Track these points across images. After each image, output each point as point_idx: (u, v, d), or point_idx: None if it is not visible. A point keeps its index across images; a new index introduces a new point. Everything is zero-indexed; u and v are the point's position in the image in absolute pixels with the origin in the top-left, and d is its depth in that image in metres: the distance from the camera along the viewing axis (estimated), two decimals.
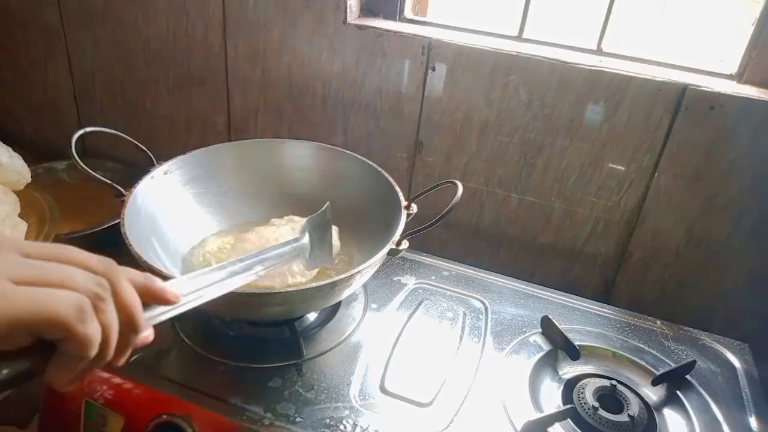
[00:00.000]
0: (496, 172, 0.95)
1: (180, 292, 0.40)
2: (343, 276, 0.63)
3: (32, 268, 0.31)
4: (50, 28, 1.15)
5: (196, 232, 0.82)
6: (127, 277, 0.35)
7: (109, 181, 0.73)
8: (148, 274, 0.37)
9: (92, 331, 0.31)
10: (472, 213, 1.00)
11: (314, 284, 0.62)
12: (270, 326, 0.77)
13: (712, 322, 0.91)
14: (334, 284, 0.63)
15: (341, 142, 1.01)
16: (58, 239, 0.98)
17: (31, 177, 1.16)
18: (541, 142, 0.91)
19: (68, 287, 0.31)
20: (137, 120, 1.17)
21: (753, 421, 0.70)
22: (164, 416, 0.64)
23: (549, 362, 0.75)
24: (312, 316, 0.79)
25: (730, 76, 0.84)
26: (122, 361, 0.36)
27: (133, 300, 0.35)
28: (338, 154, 0.86)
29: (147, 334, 0.37)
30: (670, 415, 0.70)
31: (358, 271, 0.64)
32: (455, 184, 0.72)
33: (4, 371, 0.31)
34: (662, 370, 0.73)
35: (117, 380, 0.66)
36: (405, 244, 0.70)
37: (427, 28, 0.94)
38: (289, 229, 0.77)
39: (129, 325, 0.34)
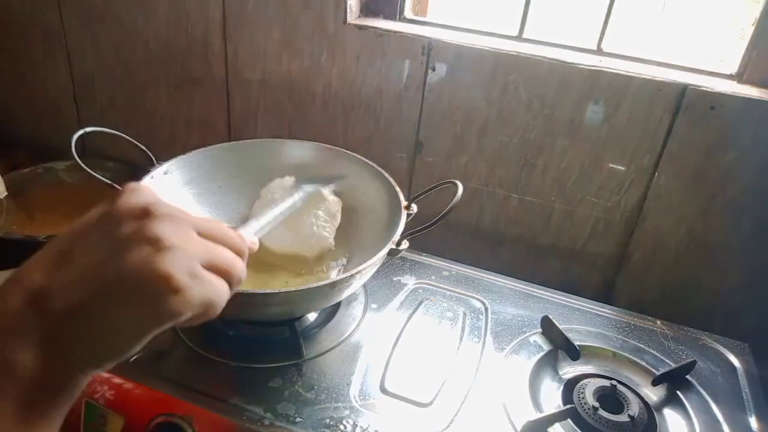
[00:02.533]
0: (496, 172, 0.95)
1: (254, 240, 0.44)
2: (343, 276, 0.63)
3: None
4: (50, 29, 1.15)
5: None
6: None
7: (109, 181, 0.73)
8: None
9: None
10: (472, 213, 1.00)
11: (314, 284, 0.62)
12: (270, 326, 0.76)
13: (712, 322, 0.91)
14: (333, 284, 0.63)
15: (341, 142, 1.01)
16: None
17: (31, 177, 1.17)
18: (541, 142, 0.91)
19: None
20: (137, 120, 1.17)
21: (753, 421, 0.70)
22: (164, 416, 0.63)
23: (549, 362, 0.75)
24: (312, 316, 0.79)
25: (730, 76, 0.84)
26: None
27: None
28: (338, 154, 0.86)
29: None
30: (670, 415, 0.70)
31: (358, 271, 0.64)
32: (455, 184, 0.72)
33: None
34: (662, 370, 0.73)
35: (117, 380, 0.66)
36: (405, 245, 0.70)
37: (427, 28, 0.94)
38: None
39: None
